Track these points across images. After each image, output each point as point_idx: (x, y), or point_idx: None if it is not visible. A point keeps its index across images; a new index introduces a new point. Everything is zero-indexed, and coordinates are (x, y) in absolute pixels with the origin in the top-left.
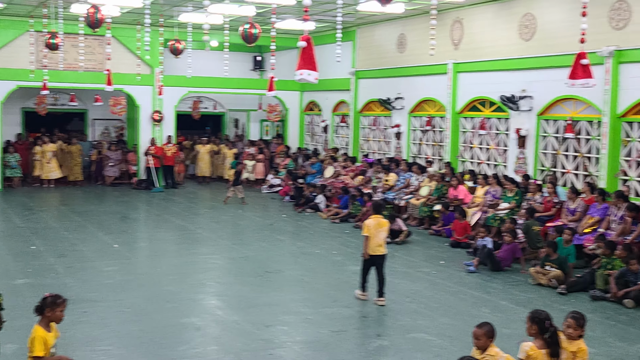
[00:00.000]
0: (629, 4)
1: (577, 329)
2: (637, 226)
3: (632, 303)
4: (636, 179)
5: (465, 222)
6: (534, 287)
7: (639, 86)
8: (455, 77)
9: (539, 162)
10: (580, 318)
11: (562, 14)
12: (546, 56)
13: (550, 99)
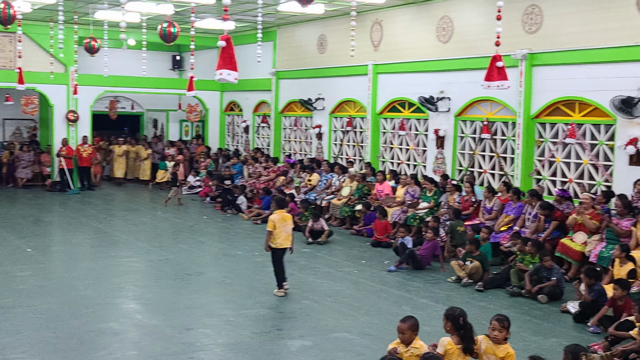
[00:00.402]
0: (541, 8)
1: (502, 331)
2: (549, 224)
3: (545, 298)
4: (549, 178)
5: (386, 221)
6: (453, 285)
7: (551, 88)
8: (375, 78)
9: (457, 162)
10: (504, 320)
11: (478, 18)
12: (463, 58)
13: (467, 100)
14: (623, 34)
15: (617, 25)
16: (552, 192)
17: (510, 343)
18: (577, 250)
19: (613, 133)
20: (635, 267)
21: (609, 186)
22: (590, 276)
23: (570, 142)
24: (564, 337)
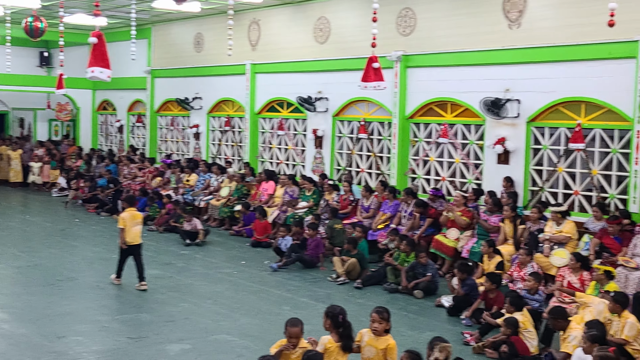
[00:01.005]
0: (415, 12)
1: (382, 322)
2: (424, 221)
3: (421, 294)
4: (423, 177)
5: (265, 221)
6: (332, 283)
7: (425, 89)
8: (253, 77)
9: (335, 161)
10: (383, 311)
11: (355, 19)
12: (340, 59)
13: (344, 100)
14: (491, 37)
15: (485, 29)
16: (427, 191)
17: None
18: (450, 246)
19: (482, 133)
20: (503, 260)
21: (479, 184)
22: (463, 271)
23: (443, 142)
24: (438, 330)
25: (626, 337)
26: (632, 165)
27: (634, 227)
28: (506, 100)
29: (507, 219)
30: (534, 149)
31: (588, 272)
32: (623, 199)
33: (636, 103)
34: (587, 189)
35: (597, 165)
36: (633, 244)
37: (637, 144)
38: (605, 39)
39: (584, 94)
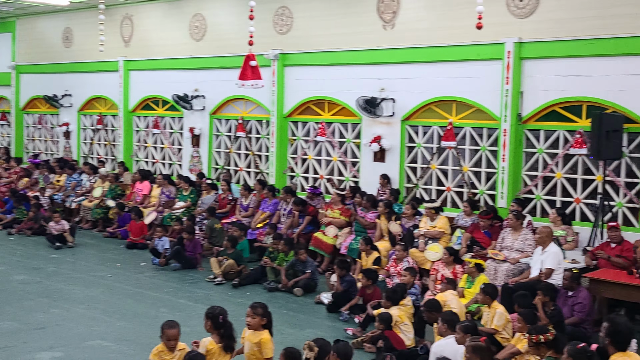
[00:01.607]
0: (291, 10)
1: (255, 317)
2: (303, 219)
3: (301, 291)
4: (302, 175)
5: (141, 222)
6: (211, 284)
7: (302, 88)
8: (126, 74)
9: (213, 160)
10: (257, 307)
11: (231, 17)
12: (217, 57)
13: (222, 98)
14: (366, 37)
15: (360, 29)
16: (306, 189)
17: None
18: (328, 244)
19: (359, 131)
20: (380, 256)
21: (356, 182)
22: (342, 267)
23: (321, 140)
24: (318, 327)
25: (496, 327)
26: (499, 162)
27: (501, 221)
28: (381, 99)
29: (382, 215)
30: (409, 147)
31: (460, 265)
32: (492, 194)
33: (503, 103)
34: (458, 186)
35: (467, 162)
36: (501, 237)
37: (504, 142)
38: (474, 41)
39: (454, 93)
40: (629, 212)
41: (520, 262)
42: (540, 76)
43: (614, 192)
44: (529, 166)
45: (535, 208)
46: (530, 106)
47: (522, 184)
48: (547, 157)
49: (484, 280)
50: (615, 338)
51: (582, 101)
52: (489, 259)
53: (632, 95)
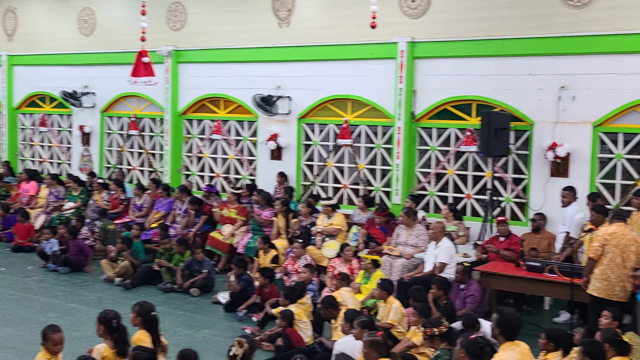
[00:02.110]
0: (185, 6)
1: (137, 319)
2: (199, 218)
3: (197, 292)
4: (198, 174)
5: (28, 224)
6: (104, 286)
7: (197, 85)
8: (10, 70)
9: (104, 159)
10: (134, 305)
11: (122, 11)
12: (108, 52)
13: (113, 95)
14: (262, 35)
15: (256, 26)
16: (201, 187)
17: (164, 338)
18: (225, 243)
19: (256, 129)
20: (278, 254)
21: (253, 180)
22: (239, 266)
23: (217, 138)
24: (216, 327)
25: (392, 321)
26: (394, 159)
27: (395, 218)
28: (277, 97)
29: (279, 213)
30: (305, 145)
31: (357, 261)
32: (387, 191)
33: (397, 101)
34: (354, 183)
35: (363, 160)
36: (396, 233)
37: (398, 140)
38: (368, 40)
39: (350, 92)
40: (516, 207)
41: (414, 257)
42: (432, 75)
43: (502, 188)
44: (422, 163)
45: (429, 204)
46: (423, 105)
47: (415, 180)
48: (439, 155)
49: (380, 275)
50: (504, 328)
51: (471, 100)
52: (384, 255)
53: (518, 94)
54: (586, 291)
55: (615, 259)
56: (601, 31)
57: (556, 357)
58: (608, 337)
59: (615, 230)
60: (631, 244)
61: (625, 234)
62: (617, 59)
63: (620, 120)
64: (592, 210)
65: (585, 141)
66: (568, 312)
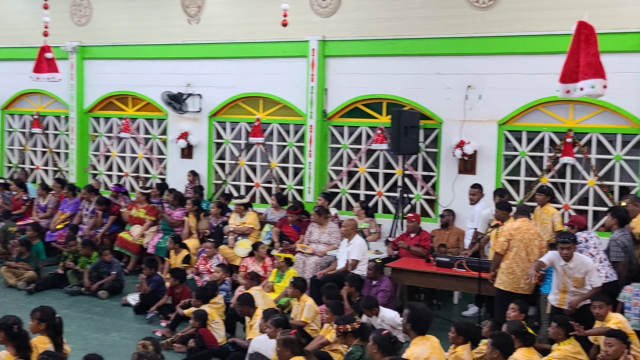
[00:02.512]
0: (90, 1)
1: (33, 321)
2: (107, 219)
3: (106, 294)
4: (105, 173)
5: None
6: (5, 290)
7: (104, 82)
8: None
9: (5, 158)
10: (36, 310)
11: (24, 5)
12: (8, 47)
13: (14, 92)
14: (171, 31)
15: (164, 23)
16: (109, 187)
17: (70, 343)
18: (135, 244)
19: (165, 127)
20: (190, 254)
21: (163, 179)
22: (150, 267)
23: (125, 137)
24: (125, 330)
25: (305, 319)
26: (306, 157)
27: (309, 216)
28: (188, 95)
29: (191, 212)
30: (217, 143)
31: (270, 259)
32: (300, 189)
33: (308, 99)
34: (267, 181)
35: (275, 158)
36: (309, 231)
37: (310, 138)
38: (279, 38)
39: (261, 90)
40: (426, 203)
41: (327, 254)
42: (343, 74)
43: (412, 185)
44: (334, 161)
45: (341, 202)
46: (334, 103)
47: (328, 178)
48: (351, 153)
49: (293, 273)
50: (415, 323)
51: (382, 98)
52: (297, 253)
53: (427, 93)
54: (493, 285)
55: (520, 253)
56: (505, 32)
57: (465, 350)
58: (514, 329)
59: (520, 225)
60: (535, 238)
61: (529, 228)
62: (521, 59)
63: (524, 119)
64: (497, 207)
65: (491, 139)
66: (476, 306)
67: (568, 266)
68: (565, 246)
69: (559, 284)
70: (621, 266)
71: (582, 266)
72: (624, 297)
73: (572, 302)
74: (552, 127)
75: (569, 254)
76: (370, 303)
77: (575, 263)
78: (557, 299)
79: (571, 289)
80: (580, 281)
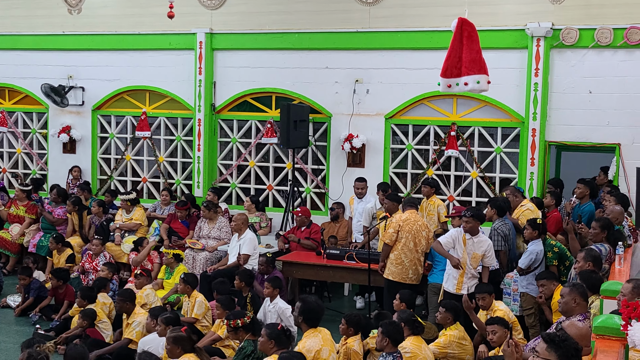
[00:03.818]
0: None
1: None
2: None
3: None
4: None
5: None
6: None
7: None
8: None
9: None
10: None
11: None
12: None
13: None
14: (50, 21)
15: (44, 12)
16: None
17: None
18: (15, 243)
19: (46, 121)
20: (74, 253)
21: (44, 174)
22: (25, 275)
23: (2, 131)
24: (5, 332)
25: (196, 316)
26: (195, 151)
27: (198, 211)
28: (69, 87)
29: (73, 210)
30: (101, 138)
31: (159, 255)
32: (188, 184)
33: (196, 93)
34: (154, 176)
35: (163, 152)
36: (198, 226)
37: (199, 132)
38: (165, 30)
39: (147, 83)
40: (316, 197)
41: (218, 249)
42: (232, 67)
43: (302, 179)
44: (223, 155)
45: (231, 196)
46: (223, 96)
47: (217, 173)
48: (240, 146)
49: (183, 270)
50: (307, 316)
51: (271, 92)
52: (187, 249)
53: (315, 87)
54: (383, 275)
55: (408, 244)
56: (392, 28)
57: (356, 341)
58: (404, 317)
59: (408, 217)
60: (422, 229)
61: (417, 220)
62: (406, 54)
63: (410, 113)
64: (387, 199)
65: (379, 132)
66: (361, 297)
67: (472, 240)
68: (469, 219)
69: (454, 270)
70: (502, 255)
71: (484, 243)
72: (504, 282)
73: (470, 286)
74: (437, 121)
75: (474, 227)
76: (276, 283)
77: (479, 239)
78: (455, 284)
79: (470, 270)
80: (477, 259)
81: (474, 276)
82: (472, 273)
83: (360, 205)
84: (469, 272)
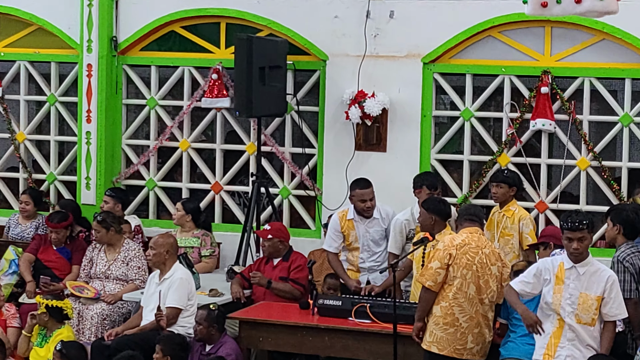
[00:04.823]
0: None
1: None
2: None
3: None
4: None
5: None
6: None
7: None
8: None
9: None
10: None
11: None
12: None
13: None
14: None
15: None
16: None
17: None
18: None
19: None
20: None
21: None
22: None
23: None
24: None
25: None
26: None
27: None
28: None
29: None
30: None
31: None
32: (70, 181)
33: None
34: (9, 168)
35: (24, 126)
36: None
37: (89, 87)
38: None
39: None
40: (300, 204)
41: (123, 299)
42: None
43: (275, 172)
44: (132, 130)
45: (148, 202)
46: (132, 26)
47: (122, 161)
48: (163, 114)
49: (67, 334)
50: None
51: (218, 16)
52: (69, 297)
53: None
54: (420, 345)
55: (465, 289)
56: None
57: None
58: None
59: (466, 241)
60: (491, 262)
61: (481, 245)
62: None
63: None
64: (423, 208)
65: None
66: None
67: (577, 271)
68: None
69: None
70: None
71: (602, 276)
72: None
73: None
74: (518, 68)
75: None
76: None
77: (594, 268)
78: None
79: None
80: (589, 306)
81: (580, 339)
82: (577, 332)
83: (371, 227)
84: (572, 331)
